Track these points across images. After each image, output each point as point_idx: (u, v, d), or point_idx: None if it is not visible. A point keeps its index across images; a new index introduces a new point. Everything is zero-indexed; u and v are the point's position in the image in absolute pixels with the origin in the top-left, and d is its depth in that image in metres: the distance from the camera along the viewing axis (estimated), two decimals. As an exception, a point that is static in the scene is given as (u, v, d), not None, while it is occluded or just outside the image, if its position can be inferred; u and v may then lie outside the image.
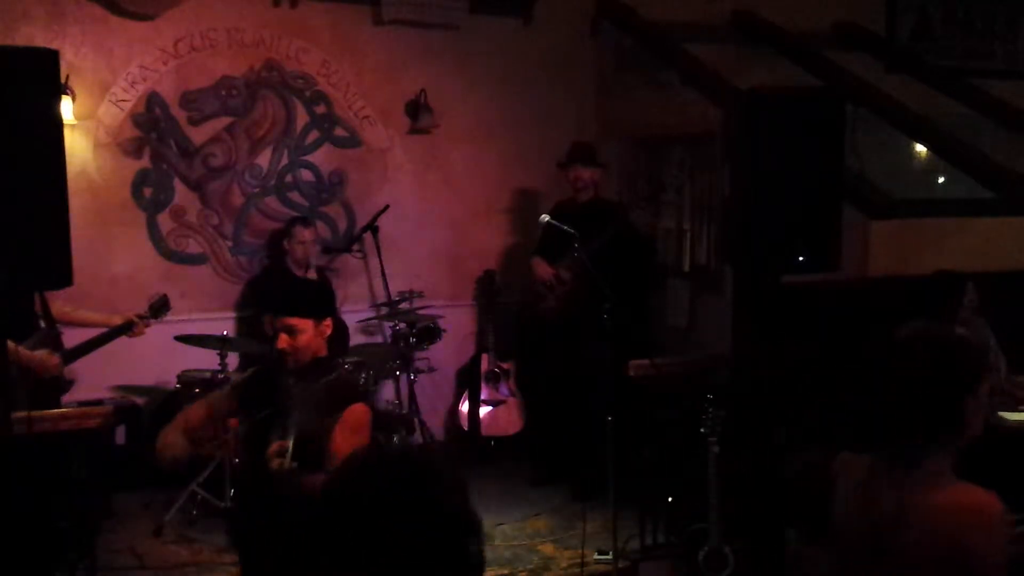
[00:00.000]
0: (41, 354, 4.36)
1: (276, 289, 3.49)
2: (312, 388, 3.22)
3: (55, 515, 4.09)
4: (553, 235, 5.34)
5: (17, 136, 3.19)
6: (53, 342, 4.54)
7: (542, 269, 5.69)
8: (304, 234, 5.79)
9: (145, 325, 4.97)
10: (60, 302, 4.79)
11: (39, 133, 3.25)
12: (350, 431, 3.16)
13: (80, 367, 4.91)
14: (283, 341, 3.28)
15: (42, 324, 4.63)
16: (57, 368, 4.44)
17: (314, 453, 3.06)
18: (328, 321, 3.36)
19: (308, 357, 3.31)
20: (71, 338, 4.83)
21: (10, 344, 3.90)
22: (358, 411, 3.24)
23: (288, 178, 6.15)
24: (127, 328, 4.89)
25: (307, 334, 3.29)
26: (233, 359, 5.61)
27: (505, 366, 6.28)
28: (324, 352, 3.36)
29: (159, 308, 5.08)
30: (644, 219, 5.56)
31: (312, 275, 5.85)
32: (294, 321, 3.28)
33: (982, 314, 4.77)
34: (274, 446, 3.02)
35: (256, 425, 3.18)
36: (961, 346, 2.26)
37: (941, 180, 6.84)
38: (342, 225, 6.31)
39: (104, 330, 4.87)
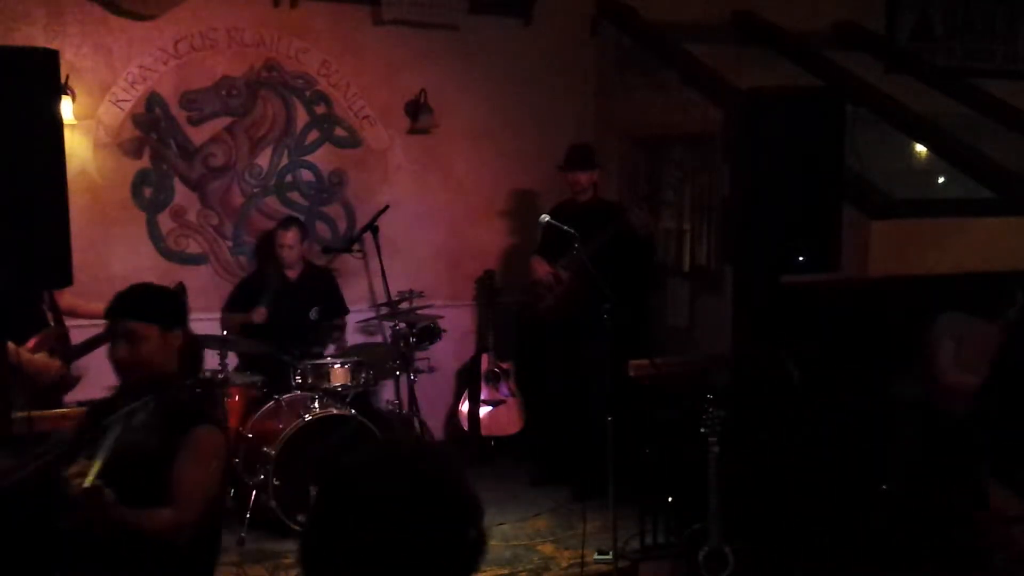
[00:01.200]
0: (41, 359, 4.34)
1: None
2: (145, 406, 2.72)
3: (55, 515, 4.08)
4: (553, 235, 5.35)
5: (17, 136, 3.19)
6: (60, 340, 4.53)
7: (541, 269, 5.70)
8: (284, 237, 5.71)
9: None
10: (69, 295, 4.77)
11: (39, 133, 3.25)
12: (195, 458, 2.70)
13: (80, 367, 4.91)
14: (122, 351, 2.78)
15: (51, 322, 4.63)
16: (57, 373, 4.42)
17: (144, 480, 2.63)
18: (178, 332, 2.86)
19: (151, 372, 2.80)
20: (80, 334, 4.81)
21: (11, 346, 3.90)
22: (205, 434, 2.75)
23: (288, 178, 6.15)
24: None
25: (151, 343, 2.78)
26: (233, 359, 5.61)
27: (505, 366, 6.28)
28: (171, 368, 2.85)
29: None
30: (642, 219, 5.56)
31: (291, 275, 5.82)
32: (136, 326, 2.77)
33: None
34: (74, 467, 2.51)
35: (69, 453, 2.68)
36: None
37: (941, 180, 6.84)
38: (342, 225, 6.31)
39: None
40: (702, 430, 4.08)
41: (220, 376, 5.09)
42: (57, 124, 3.34)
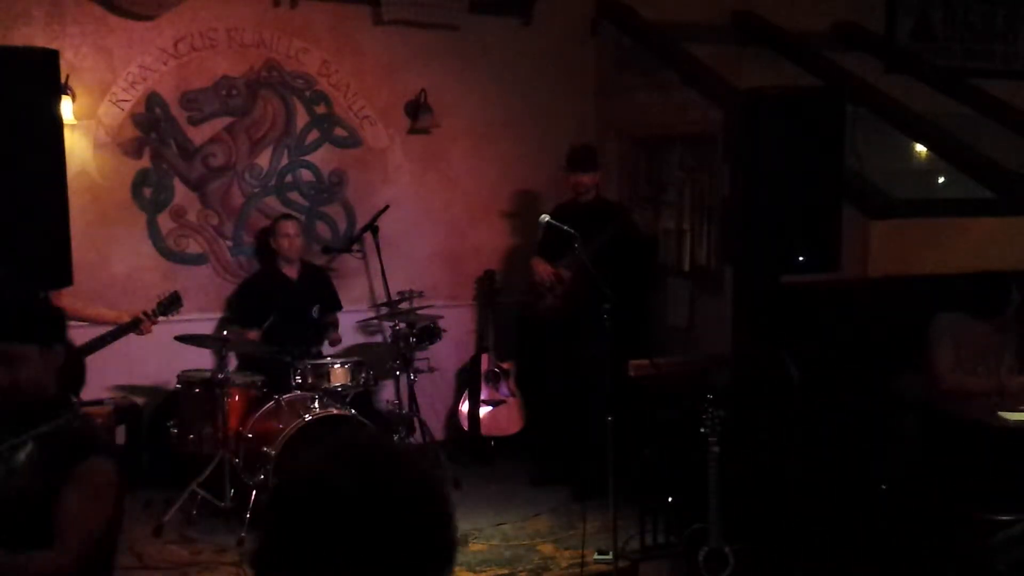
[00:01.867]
0: None
1: None
2: (26, 442, 2.43)
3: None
4: (553, 235, 5.34)
5: (17, 136, 3.20)
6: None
7: (542, 268, 5.70)
8: (287, 227, 5.78)
9: (152, 323, 4.96)
10: (70, 298, 4.78)
11: (39, 133, 3.26)
12: (81, 495, 2.42)
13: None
14: None
15: None
16: None
17: (31, 522, 2.38)
18: (58, 349, 2.53)
19: (30, 398, 2.47)
20: (78, 335, 4.81)
21: None
22: (92, 467, 2.46)
23: (288, 178, 6.15)
24: (134, 326, 4.89)
25: (31, 365, 2.44)
26: (233, 359, 5.61)
27: (505, 366, 6.28)
28: (52, 390, 2.52)
29: (168, 304, 5.08)
30: (646, 219, 5.57)
31: (292, 273, 5.84)
32: (10, 348, 2.42)
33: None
34: None
35: None
36: None
37: (941, 180, 6.84)
38: (342, 225, 6.30)
39: (112, 327, 4.86)
40: (702, 430, 4.08)
41: (220, 376, 5.09)
42: (57, 124, 3.35)
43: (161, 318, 5.06)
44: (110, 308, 5.22)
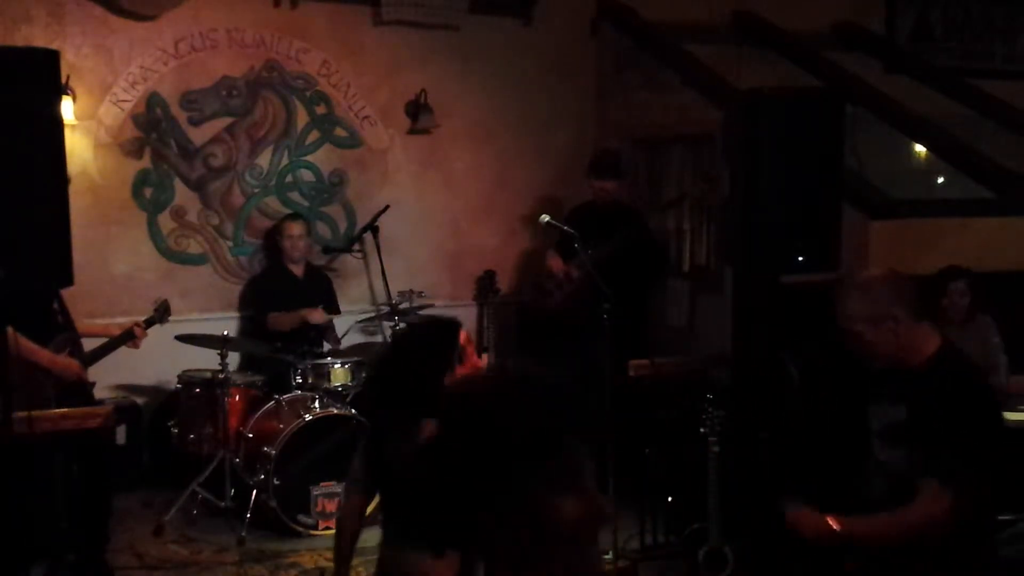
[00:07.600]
0: (63, 359, 4.35)
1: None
2: None
3: (56, 515, 4.09)
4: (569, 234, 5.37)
5: (18, 136, 3.19)
6: (74, 346, 4.54)
7: (555, 262, 5.71)
8: (292, 228, 5.80)
9: (143, 334, 4.96)
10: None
11: (40, 133, 3.26)
12: None
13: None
14: None
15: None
16: (77, 371, 4.43)
17: None
18: None
19: None
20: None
21: (26, 342, 3.90)
22: None
23: (288, 178, 6.16)
24: (128, 337, 4.88)
25: None
26: (234, 359, 5.61)
27: (505, 366, 6.28)
28: None
29: (163, 313, 5.13)
30: (663, 222, 5.58)
31: (298, 272, 5.86)
32: None
33: (987, 312, 4.76)
34: None
35: None
36: None
37: (941, 180, 6.83)
38: (342, 225, 6.31)
39: (106, 340, 4.87)
40: (702, 430, 4.08)
41: (220, 376, 5.10)
42: (58, 124, 3.35)
43: (155, 326, 5.07)
44: (108, 309, 5.23)
